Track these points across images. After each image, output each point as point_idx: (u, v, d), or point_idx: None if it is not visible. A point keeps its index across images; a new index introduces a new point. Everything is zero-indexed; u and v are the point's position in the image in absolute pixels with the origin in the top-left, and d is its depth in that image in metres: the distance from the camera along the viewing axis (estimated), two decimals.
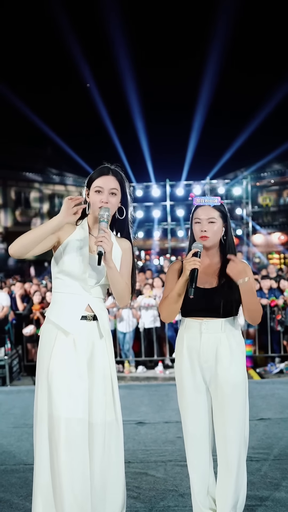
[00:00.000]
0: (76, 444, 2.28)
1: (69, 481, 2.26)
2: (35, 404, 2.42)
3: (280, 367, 7.77)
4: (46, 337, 2.42)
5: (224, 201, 2.73)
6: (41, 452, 2.35)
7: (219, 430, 2.58)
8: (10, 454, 4.07)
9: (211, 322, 2.55)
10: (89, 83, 21.26)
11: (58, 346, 2.36)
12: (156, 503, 3.11)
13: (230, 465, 2.55)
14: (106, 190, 2.40)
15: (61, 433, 2.27)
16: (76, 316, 2.38)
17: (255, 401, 5.32)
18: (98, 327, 2.43)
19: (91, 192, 2.43)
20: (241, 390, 2.56)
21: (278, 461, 3.71)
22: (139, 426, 4.67)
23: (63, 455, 2.27)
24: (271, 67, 32.00)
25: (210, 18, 26.20)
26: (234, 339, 2.57)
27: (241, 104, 28.22)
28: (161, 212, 18.08)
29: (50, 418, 2.31)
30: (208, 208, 2.59)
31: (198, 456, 2.62)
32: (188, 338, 2.59)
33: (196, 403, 2.59)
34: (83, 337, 2.38)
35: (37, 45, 32.09)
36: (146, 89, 25.99)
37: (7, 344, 7.50)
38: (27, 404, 5.60)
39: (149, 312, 8.19)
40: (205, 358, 2.55)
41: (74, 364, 2.34)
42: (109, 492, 2.40)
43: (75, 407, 2.30)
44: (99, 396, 2.39)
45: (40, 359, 2.42)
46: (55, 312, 2.41)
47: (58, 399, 2.30)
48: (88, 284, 2.41)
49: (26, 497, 3.26)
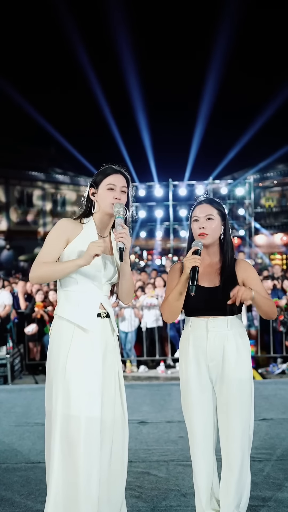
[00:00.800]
0: (92, 442, 2.29)
1: (87, 479, 2.26)
2: (47, 404, 2.40)
3: (282, 367, 7.75)
4: (61, 336, 2.39)
5: (227, 202, 2.78)
6: (54, 450, 2.32)
7: (224, 428, 2.57)
8: (12, 452, 4.06)
9: (217, 320, 2.55)
10: (94, 84, 21.24)
11: (76, 345, 2.35)
12: (158, 502, 3.10)
13: (233, 464, 2.55)
14: (118, 188, 2.45)
15: (81, 433, 2.27)
16: (92, 313, 2.40)
17: (258, 402, 5.30)
18: (111, 323, 2.47)
19: (102, 189, 2.45)
20: (247, 388, 2.57)
21: (280, 462, 3.69)
22: (141, 426, 4.66)
23: (82, 455, 2.27)
24: (275, 68, 31.95)
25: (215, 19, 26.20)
26: (240, 337, 2.58)
27: (244, 104, 28.19)
28: (163, 212, 18.06)
29: (67, 417, 2.30)
30: (206, 206, 2.60)
31: (203, 456, 2.61)
32: (194, 337, 2.59)
33: (201, 402, 2.59)
34: (99, 335, 2.40)
35: (41, 45, 32.11)
36: (150, 89, 26.01)
37: (9, 343, 7.49)
38: (28, 402, 5.59)
39: (151, 312, 8.17)
40: (212, 356, 2.55)
41: (91, 363, 2.35)
42: (113, 486, 2.42)
43: (93, 405, 2.31)
44: (110, 392, 2.41)
45: (53, 358, 2.40)
46: (70, 310, 2.40)
47: (78, 398, 2.30)
48: (102, 283, 2.44)
49: (27, 495, 3.25)
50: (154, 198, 17.62)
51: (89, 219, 2.49)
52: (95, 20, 31.33)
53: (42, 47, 32.46)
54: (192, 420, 2.61)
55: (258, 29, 30.35)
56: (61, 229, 2.43)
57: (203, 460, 2.62)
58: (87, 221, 2.47)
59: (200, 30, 31.92)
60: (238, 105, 30.68)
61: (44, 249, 2.41)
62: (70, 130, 25.53)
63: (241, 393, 2.54)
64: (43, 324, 8.06)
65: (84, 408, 2.29)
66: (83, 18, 29.02)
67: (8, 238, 26.50)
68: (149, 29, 32.50)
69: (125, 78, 21.59)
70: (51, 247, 2.40)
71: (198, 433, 2.60)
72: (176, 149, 29.67)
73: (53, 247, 2.40)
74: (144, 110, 21.68)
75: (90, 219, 2.49)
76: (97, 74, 21.79)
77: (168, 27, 35.31)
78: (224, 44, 19.61)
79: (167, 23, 34.20)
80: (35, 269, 2.37)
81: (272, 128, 23.50)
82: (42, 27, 31.99)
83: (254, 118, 22.05)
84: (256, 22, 30.05)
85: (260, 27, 29.86)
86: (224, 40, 19.46)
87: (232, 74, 29.96)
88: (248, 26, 29.66)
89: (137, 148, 22.28)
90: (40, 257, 2.39)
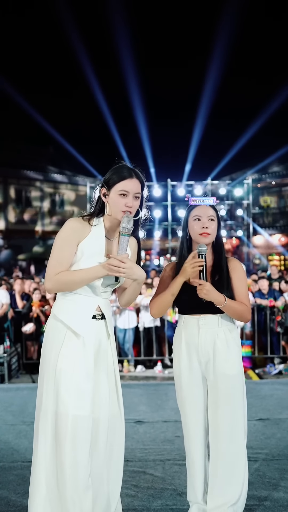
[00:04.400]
0: (81, 441, 2.29)
1: (73, 478, 2.26)
2: (38, 401, 2.41)
3: (279, 368, 7.76)
4: (54, 335, 2.39)
5: (225, 202, 2.83)
6: (45, 448, 2.33)
7: (213, 421, 2.63)
8: (8, 451, 4.07)
9: (208, 318, 2.64)
10: (93, 83, 21.24)
11: (67, 345, 2.35)
12: (154, 501, 3.11)
13: (221, 458, 2.60)
14: (131, 194, 2.35)
15: (68, 430, 2.27)
16: (87, 317, 2.38)
17: (254, 402, 5.32)
18: (106, 325, 2.44)
19: (114, 194, 2.34)
20: (237, 382, 2.63)
21: (276, 461, 3.70)
22: (137, 425, 4.67)
23: (68, 452, 2.27)
24: (273, 70, 32.00)
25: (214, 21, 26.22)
26: (230, 334, 2.66)
27: (243, 105, 28.21)
28: (162, 212, 18.09)
29: (56, 415, 2.30)
30: (206, 206, 2.66)
31: (196, 449, 2.68)
32: (186, 335, 2.67)
33: (193, 396, 2.66)
34: (92, 336, 2.38)
35: (40, 45, 32.10)
36: (149, 90, 26.03)
37: (6, 342, 7.49)
38: (25, 401, 5.60)
39: (148, 312, 8.16)
40: (203, 352, 2.62)
41: (82, 363, 2.34)
42: (110, 485, 2.42)
43: (82, 405, 2.31)
44: (104, 392, 2.40)
45: (46, 356, 2.40)
46: (65, 311, 2.38)
47: (67, 397, 2.29)
48: (101, 290, 2.41)
49: (23, 494, 3.25)
50: (152, 198, 17.61)
51: (99, 220, 2.40)
52: (96, 21, 31.34)
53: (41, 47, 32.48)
54: (186, 414, 2.69)
55: (256, 30, 30.42)
56: (69, 232, 2.34)
57: (196, 454, 2.68)
58: (96, 223, 2.39)
59: (199, 31, 31.97)
60: (237, 105, 30.71)
61: (55, 255, 2.32)
62: (69, 130, 25.53)
63: (232, 387, 2.61)
64: (40, 323, 8.06)
65: (72, 406, 2.28)
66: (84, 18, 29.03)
67: (6, 237, 26.47)
68: (149, 30, 32.51)
69: (124, 78, 21.61)
70: (63, 253, 2.32)
71: (191, 425, 2.68)
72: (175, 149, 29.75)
73: (65, 253, 2.32)
74: (143, 110, 21.68)
75: (100, 221, 2.40)
76: (96, 74, 21.78)
77: (167, 28, 35.34)
78: (223, 46, 19.65)
79: (166, 24, 34.24)
80: (51, 279, 2.31)
81: (270, 129, 23.55)
82: (42, 27, 32.01)
83: (253, 118, 22.07)
84: (254, 23, 30.11)
85: (259, 29, 29.91)
86: (223, 41, 19.50)
87: (231, 75, 30.00)
88: (247, 30, 29.72)
89: (136, 148, 22.28)
90: (53, 266, 2.31)
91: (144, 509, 3.00)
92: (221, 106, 25.14)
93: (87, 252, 2.34)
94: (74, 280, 2.31)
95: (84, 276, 2.30)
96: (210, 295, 2.52)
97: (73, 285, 2.33)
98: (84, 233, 2.35)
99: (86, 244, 2.34)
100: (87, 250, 2.34)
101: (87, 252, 2.34)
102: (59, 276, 2.30)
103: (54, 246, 2.35)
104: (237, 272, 2.68)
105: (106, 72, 30.59)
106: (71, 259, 2.34)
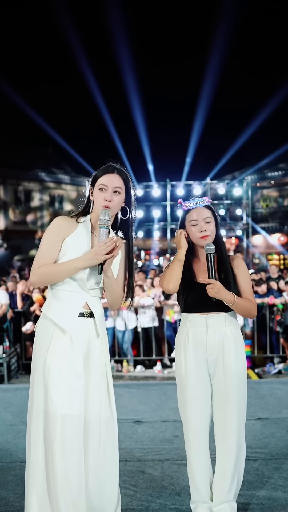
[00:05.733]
0: (71, 441, 2.28)
1: (64, 477, 2.25)
2: (30, 400, 2.41)
3: (278, 367, 7.76)
4: (43, 333, 2.40)
5: (224, 202, 2.85)
6: (36, 448, 2.34)
7: (220, 419, 2.67)
8: (7, 451, 4.06)
9: (216, 316, 2.67)
10: (91, 83, 21.22)
11: (55, 343, 2.35)
12: (152, 501, 3.10)
13: (230, 453, 2.65)
14: (110, 188, 2.39)
15: (57, 429, 2.26)
16: (74, 314, 2.38)
17: (253, 401, 5.32)
18: (95, 324, 2.43)
19: (95, 190, 2.41)
20: (243, 379, 2.71)
21: (275, 461, 3.70)
22: (136, 425, 4.66)
23: (58, 451, 2.26)
24: (272, 69, 31.98)
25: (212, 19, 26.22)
26: (237, 331, 2.72)
27: (242, 105, 28.21)
28: (161, 212, 18.09)
29: (46, 414, 2.30)
30: (200, 209, 2.69)
31: (200, 449, 2.70)
32: (193, 333, 2.68)
33: (198, 395, 2.68)
34: (80, 334, 2.38)
35: (39, 44, 32.09)
36: (148, 90, 25.99)
37: (5, 342, 7.49)
38: (24, 402, 5.58)
39: (147, 312, 8.17)
40: (211, 351, 2.66)
41: (71, 361, 2.33)
42: (105, 488, 2.40)
43: (72, 403, 2.30)
44: (94, 393, 2.39)
45: (36, 355, 2.41)
46: (53, 308, 2.40)
47: (55, 395, 2.29)
48: (87, 285, 2.41)
49: (22, 494, 3.24)
50: (151, 198, 17.62)
51: (86, 218, 2.46)
52: (94, 19, 31.34)
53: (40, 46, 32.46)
54: (189, 413, 2.69)
55: (255, 32, 30.41)
56: (55, 229, 2.40)
57: (200, 453, 2.70)
58: (83, 220, 2.45)
59: (198, 30, 31.94)
60: (236, 105, 30.71)
61: (41, 250, 2.39)
62: (68, 130, 25.54)
63: (239, 384, 2.67)
64: None
65: (61, 406, 2.27)
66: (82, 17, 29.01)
67: (6, 238, 26.46)
68: (147, 29, 32.51)
69: (123, 78, 21.59)
70: (47, 249, 2.38)
71: (195, 426, 2.69)
72: (174, 149, 29.74)
73: (49, 249, 2.38)
74: (142, 110, 21.65)
75: (86, 218, 2.46)
76: (95, 74, 21.79)
77: (166, 27, 35.33)
78: (222, 44, 19.63)
79: (165, 23, 34.22)
80: (35, 273, 2.36)
81: (270, 129, 23.57)
82: (41, 26, 32.00)
83: (252, 118, 22.05)
84: (254, 22, 30.10)
85: (258, 27, 29.89)
86: (222, 40, 19.47)
87: (230, 74, 29.97)
88: (246, 29, 29.70)
89: (135, 148, 22.33)
90: (37, 261, 2.37)
91: (143, 509, 3.00)
92: (220, 106, 25.13)
93: (72, 248, 2.37)
94: (55, 271, 2.33)
95: (64, 267, 2.33)
96: (221, 294, 2.55)
97: (54, 276, 2.34)
98: (70, 229, 2.40)
99: (71, 240, 2.39)
100: (72, 245, 2.38)
101: (72, 247, 2.37)
102: (41, 268, 2.35)
103: (41, 243, 2.41)
104: (240, 269, 2.72)
105: (106, 73, 30.62)
106: (56, 254, 2.38)
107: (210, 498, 2.71)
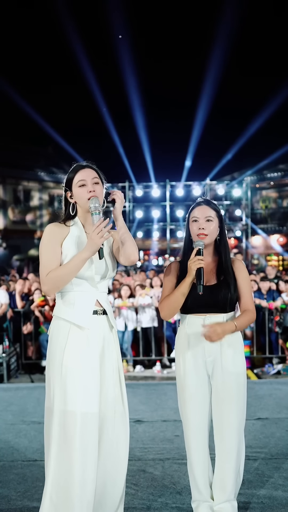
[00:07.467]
0: (88, 439, 2.32)
1: (81, 476, 2.29)
2: (47, 400, 2.44)
3: (277, 368, 7.78)
4: (58, 334, 2.43)
5: (223, 202, 2.86)
6: (59, 446, 2.34)
7: (219, 418, 2.68)
8: (8, 450, 4.08)
9: (214, 317, 2.66)
10: (91, 82, 21.24)
11: (72, 342, 2.39)
12: (154, 500, 3.12)
13: (230, 452, 2.66)
14: (89, 181, 2.47)
15: (77, 428, 2.30)
16: (88, 311, 2.42)
17: (253, 401, 5.34)
18: (108, 320, 2.49)
19: (75, 188, 2.48)
20: (243, 379, 2.72)
21: (275, 460, 3.73)
22: (137, 424, 4.68)
23: (77, 449, 2.29)
24: (273, 69, 32.01)
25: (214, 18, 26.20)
26: (235, 332, 2.69)
27: (242, 105, 28.17)
28: (160, 212, 18.10)
29: (64, 413, 2.33)
30: (205, 207, 2.69)
31: (200, 449, 2.72)
32: (191, 334, 2.68)
33: (197, 396, 2.69)
34: (95, 332, 2.43)
35: (38, 43, 32.06)
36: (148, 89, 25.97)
37: (5, 342, 7.50)
38: (25, 401, 5.61)
39: (147, 312, 8.19)
40: (210, 352, 2.66)
41: (87, 359, 2.38)
42: (112, 481, 2.45)
43: (90, 401, 2.34)
44: (109, 388, 2.45)
45: (51, 355, 2.44)
46: (66, 310, 2.43)
47: (74, 394, 2.33)
48: (95, 280, 2.45)
49: (23, 493, 3.27)
50: (151, 198, 17.65)
51: (75, 220, 2.52)
52: (94, 18, 31.29)
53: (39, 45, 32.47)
54: (188, 413, 2.71)
55: (256, 32, 30.41)
56: (50, 235, 2.45)
57: (200, 452, 2.72)
58: (72, 223, 2.51)
59: (198, 30, 31.90)
60: (236, 106, 30.69)
61: (43, 259, 2.42)
62: (68, 130, 25.45)
63: (238, 385, 2.68)
64: (39, 323, 8.07)
65: (80, 404, 2.32)
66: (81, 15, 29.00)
67: (5, 237, 26.46)
68: (147, 28, 32.50)
69: (123, 78, 21.59)
70: (49, 256, 2.42)
71: (195, 426, 2.70)
72: (174, 149, 29.74)
73: (51, 255, 2.42)
74: (141, 110, 21.65)
75: (75, 221, 2.52)
76: (95, 73, 21.75)
77: (166, 26, 35.34)
78: (223, 44, 19.63)
79: (165, 22, 34.23)
80: (44, 281, 2.40)
81: (269, 129, 23.54)
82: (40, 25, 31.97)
83: (251, 119, 22.06)
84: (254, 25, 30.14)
85: (259, 27, 29.86)
86: (222, 40, 19.47)
87: (230, 74, 29.92)
88: (247, 28, 29.67)
89: (135, 148, 22.26)
90: (44, 269, 2.41)
91: (144, 508, 3.02)
92: (220, 106, 25.08)
93: (71, 249, 2.42)
94: (64, 272, 2.37)
95: (70, 264, 2.36)
96: (225, 332, 2.57)
97: (65, 276, 2.37)
98: (63, 233, 2.46)
99: (68, 242, 2.44)
100: (71, 246, 2.43)
101: (72, 248, 2.42)
102: (49, 275, 2.39)
103: (40, 253, 2.45)
104: (241, 272, 2.72)
105: (106, 73, 30.59)
106: (58, 258, 2.42)
107: (211, 497, 2.73)
